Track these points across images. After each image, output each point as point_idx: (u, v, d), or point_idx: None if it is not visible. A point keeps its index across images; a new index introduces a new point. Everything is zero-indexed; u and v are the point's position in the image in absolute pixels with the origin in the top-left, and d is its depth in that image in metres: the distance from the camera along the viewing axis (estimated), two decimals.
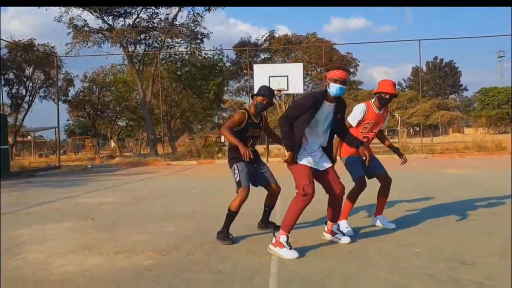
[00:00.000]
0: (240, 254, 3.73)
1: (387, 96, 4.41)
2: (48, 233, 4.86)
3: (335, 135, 4.05)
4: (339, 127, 3.96)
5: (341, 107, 3.89)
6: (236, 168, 4.23)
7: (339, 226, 4.08)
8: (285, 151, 3.77)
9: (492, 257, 3.40)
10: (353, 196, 4.49)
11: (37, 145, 45.22)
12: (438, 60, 78.33)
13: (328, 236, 4.05)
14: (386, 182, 4.56)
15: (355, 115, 4.47)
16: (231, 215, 4.19)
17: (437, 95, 65.98)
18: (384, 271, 3.14)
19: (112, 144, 49.61)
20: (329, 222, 4.05)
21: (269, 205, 4.61)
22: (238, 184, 4.18)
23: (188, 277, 3.15)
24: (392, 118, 44.37)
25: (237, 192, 4.17)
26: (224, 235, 4.16)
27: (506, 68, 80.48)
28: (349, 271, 3.17)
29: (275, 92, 3.38)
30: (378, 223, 4.62)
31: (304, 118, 3.73)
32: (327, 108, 3.81)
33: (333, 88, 3.75)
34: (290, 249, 3.58)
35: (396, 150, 4.84)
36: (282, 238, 3.63)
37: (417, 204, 5.99)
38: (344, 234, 4.00)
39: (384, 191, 4.60)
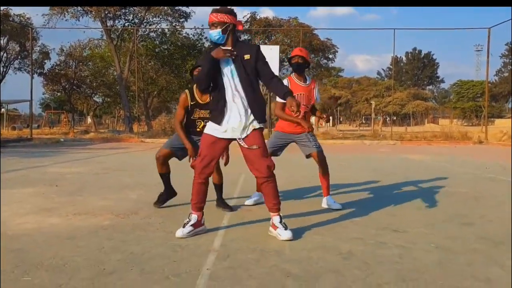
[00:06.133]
0: None
1: (294, 61, 4.38)
2: (12, 197, 5.01)
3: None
4: (260, 76, 3.37)
5: (246, 49, 3.31)
6: None
7: (281, 219, 3.39)
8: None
9: (420, 227, 3.74)
10: None
11: (11, 118, 44.34)
12: (417, 51, 79.57)
13: (273, 231, 3.41)
14: (320, 160, 4.43)
15: None
16: (161, 176, 4.57)
17: (415, 86, 67.05)
18: (320, 235, 3.44)
19: (89, 120, 49.02)
20: (270, 214, 3.45)
21: (214, 183, 4.55)
22: None
23: (140, 235, 3.39)
24: (369, 106, 45.04)
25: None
26: (158, 196, 4.57)
27: (482, 61, 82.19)
28: None
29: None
30: (324, 204, 4.53)
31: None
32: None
33: (211, 35, 3.32)
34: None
35: (315, 112, 4.71)
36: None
37: (369, 183, 6.33)
38: (286, 228, 3.33)
39: (322, 170, 4.49)
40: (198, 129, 4.32)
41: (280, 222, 3.36)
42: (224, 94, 3.33)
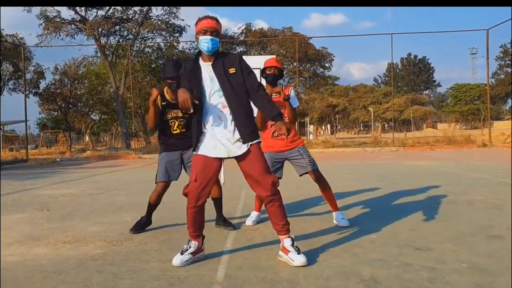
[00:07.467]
0: None
1: (269, 71, 4.08)
2: None
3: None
4: (247, 89, 3.02)
5: (229, 62, 3.02)
6: (158, 159, 4.15)
7: (292, 242, 3.02)
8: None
9: (445, 242, 3.37)
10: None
11: (9, 139, 43.90)
12: (412, 57, 79.69)
13: (283, 256, 3.02)
14: (317, 178, 4.10)
15: None
16: (149, 206, 4.14)
17: (411, 91, 66.91)
18: (337, 258, 3.07)
19: (87, 138, 48.62)
20: (280, 237, 3.08)
21: (213, 198, 4.14)
22: (156, 177, 4.06)
23: (133, 266, 3.02)
24: (367, 113, 44.79)
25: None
26: (137, 223, 4.13)
27: (478, 64, 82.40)
28: None
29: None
30: (335, 220, 4.15)
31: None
32: (206, 70, 3.03)
33: (203, 42, 2.98)
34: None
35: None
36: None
37: (379, 192, 5.97)
38: (299, 252, 2.96)
39: (322, 187, 4.14)
40: (173, 130, 4.05)
41: (292, 245, 2.99)
42: (211, 113, 3.02)
